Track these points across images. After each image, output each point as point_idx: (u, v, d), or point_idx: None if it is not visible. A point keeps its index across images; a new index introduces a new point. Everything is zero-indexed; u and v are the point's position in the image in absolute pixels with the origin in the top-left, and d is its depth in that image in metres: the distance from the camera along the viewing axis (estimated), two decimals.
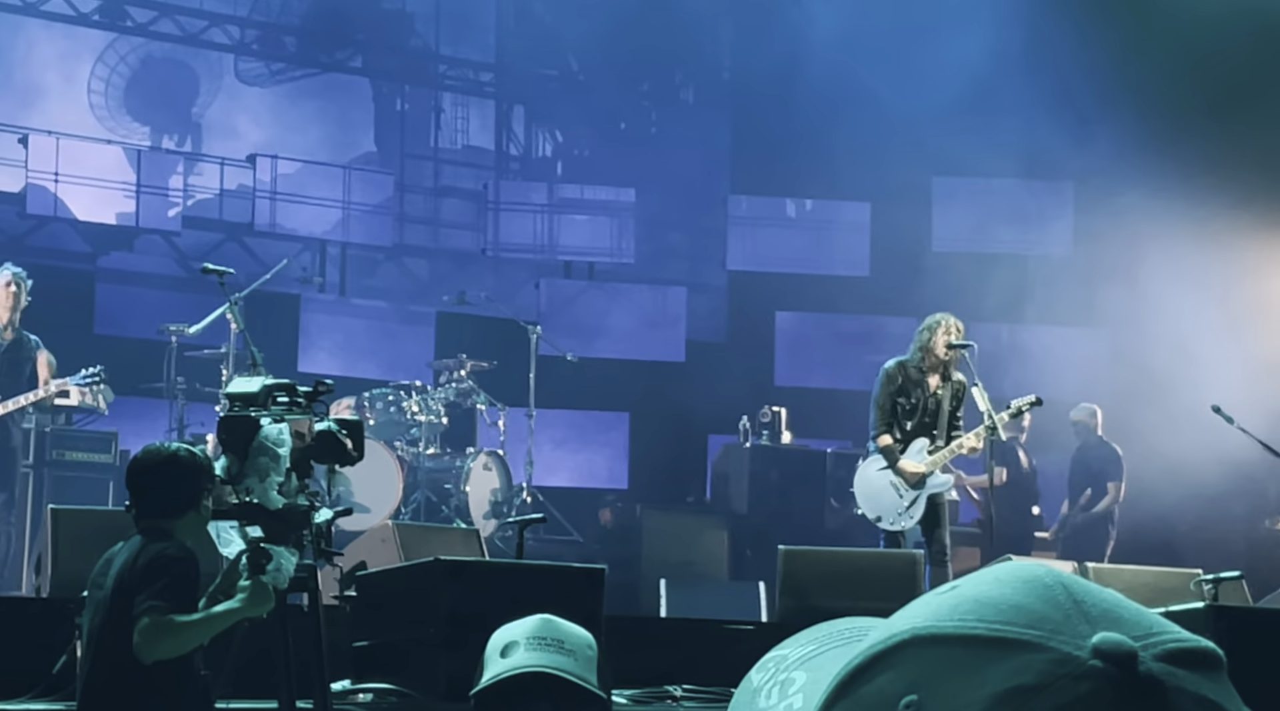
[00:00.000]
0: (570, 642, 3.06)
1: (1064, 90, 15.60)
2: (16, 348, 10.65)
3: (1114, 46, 15.60)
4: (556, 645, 3.03)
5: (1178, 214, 15.39)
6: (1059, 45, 15.43)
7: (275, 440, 5.53)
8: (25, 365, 10.67)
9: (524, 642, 3.03)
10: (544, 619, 3.08)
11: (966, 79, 15.52)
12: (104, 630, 5.32)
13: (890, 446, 10.68)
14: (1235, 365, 14.65)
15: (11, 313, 10.60)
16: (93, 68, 17.41)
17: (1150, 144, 15.47)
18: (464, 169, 19.16)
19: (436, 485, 13.56)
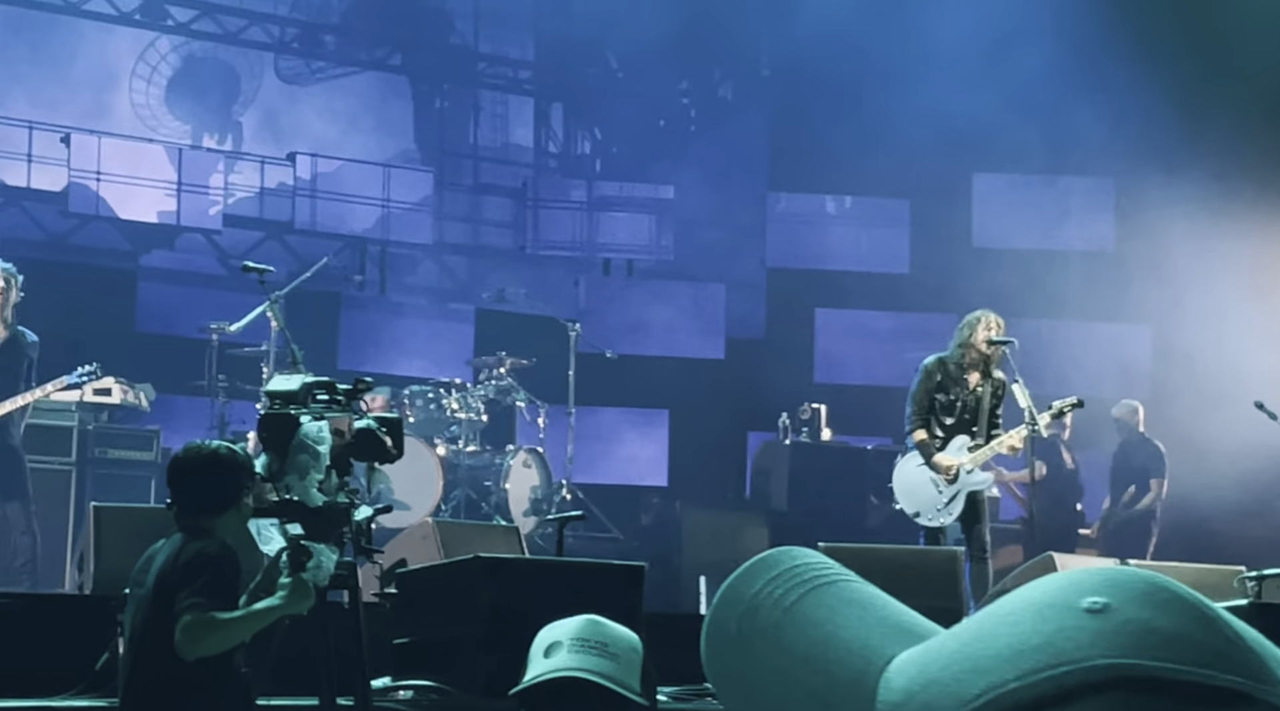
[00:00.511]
0: (614, 646, 3.02)
1: (1105, 86, 15.52)
2: (11, 346, 10.62)
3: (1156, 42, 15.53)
4: (600, 648, 3.00)
5: (1219, 209, 15.31)
6: (1100, 41, 15.36)
7: (315, 438, 5.55)
8: (21, 363, 10.63)
9: (567, 643, 3.00)
10: (590, 620, 3.05)
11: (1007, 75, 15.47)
12: (146, 627, 5.34)
13: (926, 441, 10.64)
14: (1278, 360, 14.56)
15: (2, 310, 10.56)
16: (134, 67, 17.49)
17: (1192, 140, 15.41)
18: (503, 166, 19.18)
19: (476, 482, 13.57)
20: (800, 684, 1.08)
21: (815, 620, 1.10)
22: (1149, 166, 15.86)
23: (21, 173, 15.86)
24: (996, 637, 0.97)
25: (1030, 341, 14.43)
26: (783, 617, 1.10)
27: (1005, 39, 15.59)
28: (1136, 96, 15.56)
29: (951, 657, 1.00)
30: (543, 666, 2.99)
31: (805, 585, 1.13)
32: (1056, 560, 9.73)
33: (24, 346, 10.70)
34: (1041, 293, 16.28)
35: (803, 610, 1.11)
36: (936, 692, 0.97)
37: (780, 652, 1.09)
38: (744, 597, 1.14)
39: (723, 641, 1.12)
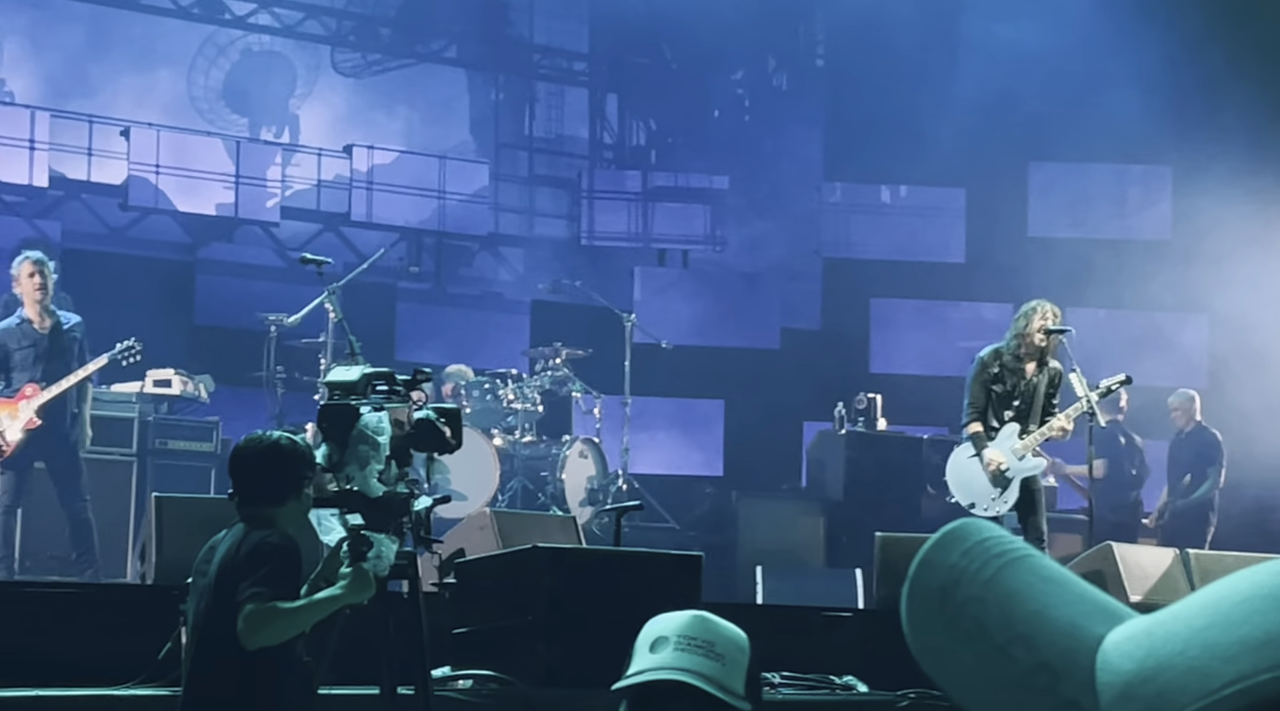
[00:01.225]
0: (721, 645, 3.00)
1: (1162, 73, 15.43)
2: (57, 333, 10.74)
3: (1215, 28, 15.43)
4: (706, 647, 2.98)
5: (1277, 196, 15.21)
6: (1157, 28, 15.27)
7: (375, 428, 5.58)
8: (71, 347, 10.75)
9: (673, 640, 2.98)
10: (698, 616, 3.03)
11: (1063, 63, 15.42)
12: (208, 617, 5.39)
13: (979, 433, 10.62)
14: None
15: (41, 299, 10.67)
16: (193, 60, 17.60)
17: (1250, 127, 15.30)
18: (558, 158, 19.22)
19: (533, 473, 13.61)
20: (1014, 661, 1.08)
21: (1018, 595, 1.11)
22: (1206, 153, 15.77)
23: (82, 166, 16.00)
24: (1238, 625, 0.94)
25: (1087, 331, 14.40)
26: (984, 591, 1.12)
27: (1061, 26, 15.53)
28: (1194, 83, 15.48)
29: (1187, 642, 0.98)
30: (646, 661, 2.98)
31: (999, 558, 1.14)
32: (1115, 550, 9.71)
33: (69, 330, 10.81)
34: (1098, 282, 16.22)
35: (1002, 583, 1.12)
36: (1174, 677, 0.96)
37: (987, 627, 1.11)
38: (942, 568, 1.15)
39: (926, 612, 1.14)
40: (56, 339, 10.73)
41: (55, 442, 10.71)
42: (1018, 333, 10.70)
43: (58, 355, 10.72)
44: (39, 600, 8.10)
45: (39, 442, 10.65)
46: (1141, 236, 17.03)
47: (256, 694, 5.34)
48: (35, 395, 10.59)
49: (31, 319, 10.70)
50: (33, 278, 10.63)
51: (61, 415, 10.74)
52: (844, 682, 8.29)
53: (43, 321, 10.70)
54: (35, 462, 10.72)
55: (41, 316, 10.70)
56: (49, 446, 10.69)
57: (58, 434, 10.71)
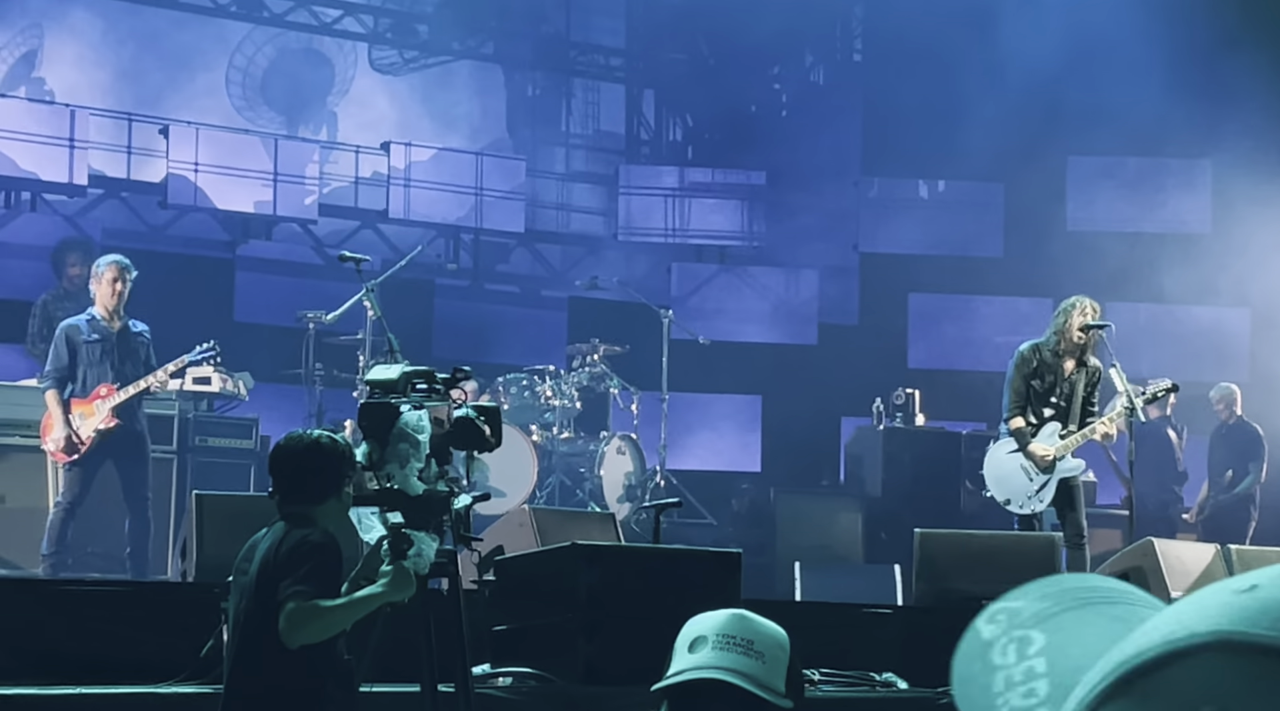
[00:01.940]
0: (760, 643, 2.99)
1: (1201, 65, 15.36)
2: (126, 336, 10.86)
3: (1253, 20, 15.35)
4: (745, 646, 2.96)
5: None
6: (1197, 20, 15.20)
7: (415, 426, 5.60)
8: (140, 351, 10.87)
9: (712, 639, 2.97)
10: (737, 615, 3.01)
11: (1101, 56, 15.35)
12: (249, 615, 5.41)
13: (1022, 429, 10.59)
14: None
15: (116, 306, 10.80)
16: (230, 58, 17.66)
17: None
18: (595, 153, 19.22)
19: (571, 469, 13.63)
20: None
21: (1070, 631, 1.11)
22: (1246, 146, 15.69)
23: (121, 165, 16.06)
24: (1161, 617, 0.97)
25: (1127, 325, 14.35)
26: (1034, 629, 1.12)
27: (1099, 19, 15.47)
28: (1232, 75, 15.40)
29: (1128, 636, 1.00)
30: (685, 661, 2.97)
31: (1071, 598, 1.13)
32: (1156, 546, 9.68)
33: (137, 337, 10.93)
34: (1138, 276, 16.17)
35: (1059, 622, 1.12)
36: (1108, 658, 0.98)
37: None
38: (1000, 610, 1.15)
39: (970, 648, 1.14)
40: (125, 341, 10.85)
41: (128, 442, 10.82)
42: (1057, 329, 10.67)
43: (128, 355, 10.83)
44: (82, 598, 8.14)
45: (111, 442, 10.75)
46: (1181, 230, 16.95)
47: (298, 691, 5.36)
48: (110, 395, 10.71)
49: (102, 317, 10.80)
50: (115, 283, 10.76)
51: (134, 415, 10.86)
52: (884, 679, 8.28)
53: (113, 322, 10.82)
54: (105, 462, 10.82)
55: (112, 317, 10.81)
56: (120, 445, 10.80)
57: (131, 433, 10.83)
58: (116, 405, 10.71)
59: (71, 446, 10.65)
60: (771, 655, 2.97)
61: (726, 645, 2.94)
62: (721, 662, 2.92)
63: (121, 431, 10.76)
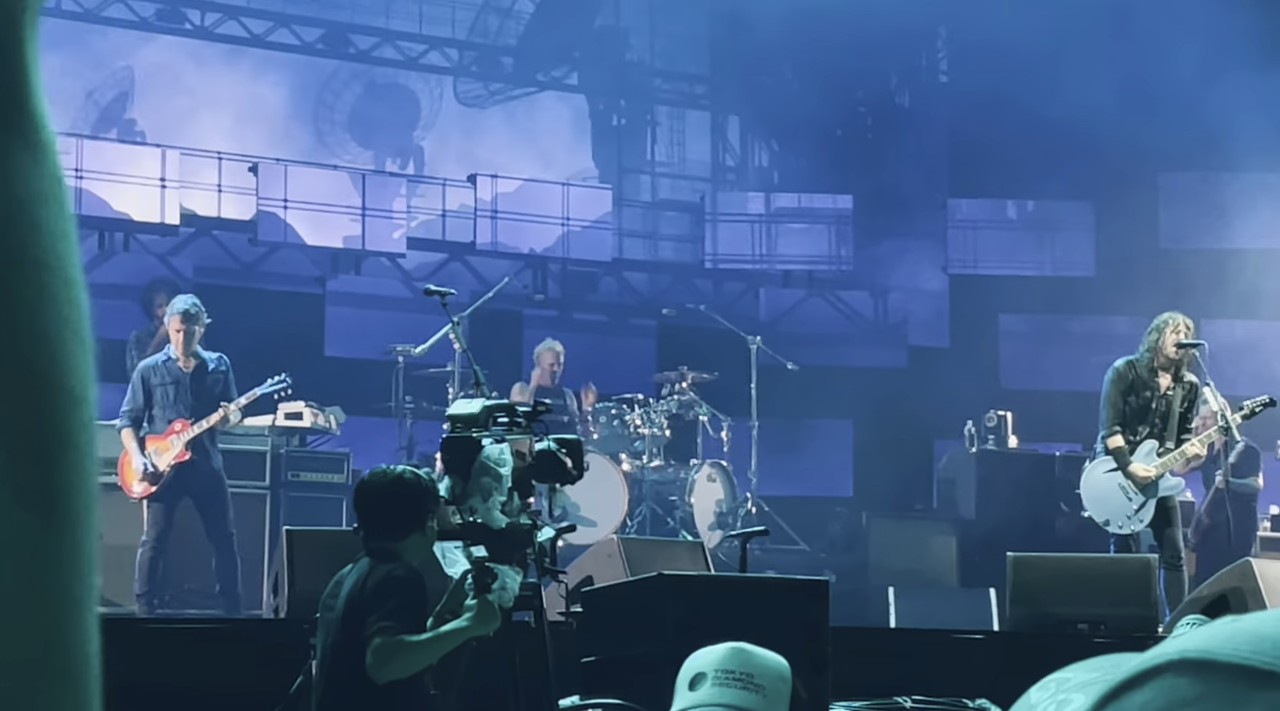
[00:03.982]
0: (760, 676, 2.98)
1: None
2: (201, 373, 10.92)
3: None
4: (745, 679, 2.96)
5: None
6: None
7: (497, 460, 5.61)
8: (214, 387, 10.93)
9: (712, 675, 2.96)
10: (735, 648, 3.01)
11: (1187, 72, 15.19)
12: (336, 651, 5.44)
13: (1121, 448, 10.48)
14: None
15: (187, 346, 10.87)
16: (319, 95, 17.82)
17: None
18: (681, 181, 19.23)
19: (661, 497, 13.61)
20: None
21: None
22: None
23: (212, 203, 16.23)
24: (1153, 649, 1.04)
25: (1222, 342, 14.18)
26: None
27: (1189, 35, 15.30)
28: None
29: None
30: (686, 700, 2.97)
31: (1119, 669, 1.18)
32: (1255, 567, 9.52)
33: (213, 371, 10.99)
34: (1232, 292, 15.98)
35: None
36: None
37: None
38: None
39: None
40: (200, 377, 10.93)
41: (204, 479, 10.89)
42: (1150, 346, 10.56)
43: (203, 392, 10.91)
44: (175, 635, 8.21)
45: (188, 476, 10.83)
46: (1276, 244, 16.73)
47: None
48: (185, 429, 10.80)
49: (177, 357, 10.91)
50: (179, 331, 10.86)
51: (208, 452, 10.93)
52: (977, 706, 8.19)
53: (188, 361, 10.92)
54: (184, 497, 10.90)
55: (186, 357, 10.91)
56: (198, 480, 10.87)
57: (207, 467, 10.90)
58: (190, 439, 10.78)
59: (148, 474, 10.71)
60: (773, 687, 2.96)
61: (726, 680, 2.93)
62: (721, 700, 2.91)
63: (197, 468, 10.81)
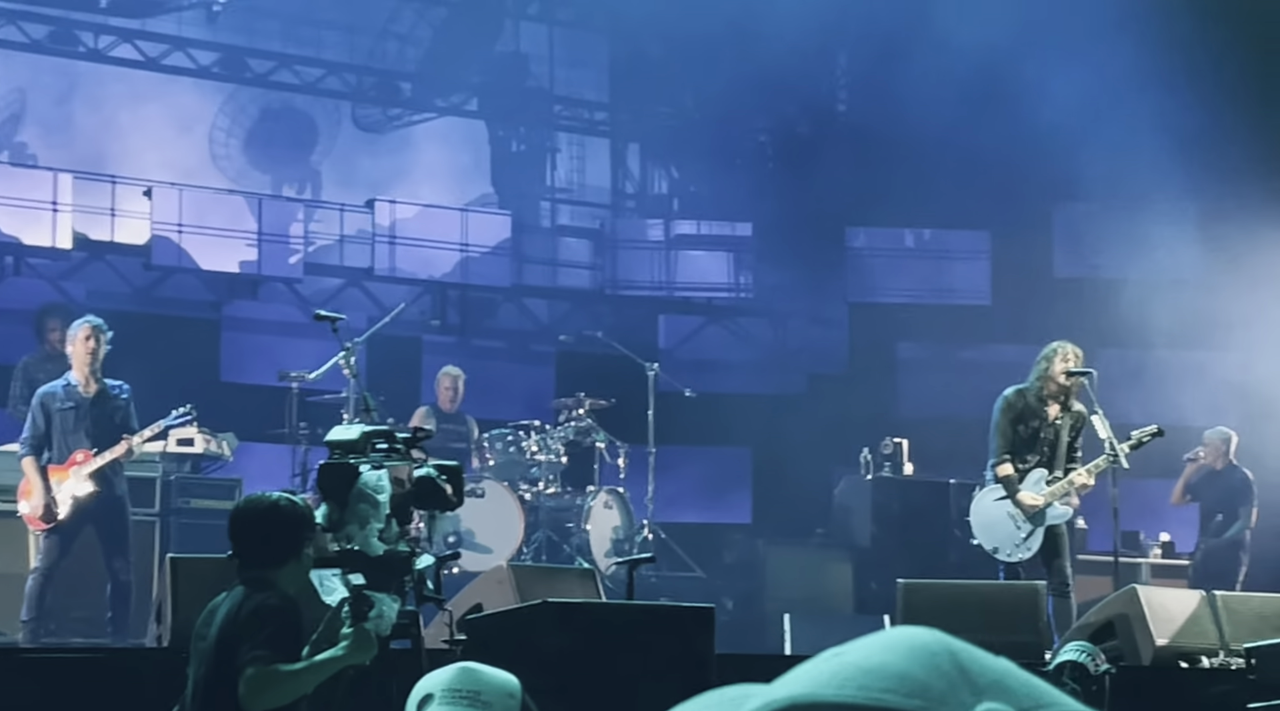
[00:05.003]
0: (488, 693, 3.03)
1: (1186, 111, 15.36)
2: (103, 399, 10.80)
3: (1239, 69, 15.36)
4: (472, 697, 3.01)
5: None
6: (1180, 66, 15.21)
7: (375, 486, 5.57)
8: (115, 415, 10.81)
9: (438, 696, 3.02)
10: (463, 668, 3.06)
11: (1087, 103, 15.36)
12: (209, 681, 5.36)
13: (1010, 477, 10.54)
14: None
15: (91, 365, 10.73)
16: (214, 119, 17.69)
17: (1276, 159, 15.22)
18: (581, 208, 19.24)
19: (558, 524, 13.57)
20: None
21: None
22: (1234, 192, 15.68)
23: (106, 227, 16.05)
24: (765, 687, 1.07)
25: (1115, 371, 14.30)
26: None
27: (1084, 67, 15.47)
28: (1218, 120, 15.40)
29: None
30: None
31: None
32: (1140, 593, 9.61)
33: (114, 399, 10.86)
34: (1126, 321, 16.12)
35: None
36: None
37: None
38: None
39: None
40: (102, 404, 10.79)
41: (107, 506, 10.76)
42: (1040, 374, 10.65)
43: (103, 420, 10.77)
44: (56, 664, 8.09)
45: (91, 505, 10.69)
46: (1170, 276, 16.90)
47: None
48: (87, 461, 10.65)
49: (78, 383, 10.76)
50: (87, 342, 10.73)
51: (111, 480, 10.79)
52: None
53: (88, 386, 10.77)
54: (84, 527, 10.75)
55: (88, 381, 10.76)
56: (99, 510, 10.73)
57: (110, 496, 10.77)
58: (93, 471, 10.66)
59: (49, 514, 10.59)
60: (500, 703, 3.02)
61: (453, 699, 2.99)
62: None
63: (100, 496, 10.70)
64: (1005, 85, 15.38)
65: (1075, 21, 15.63)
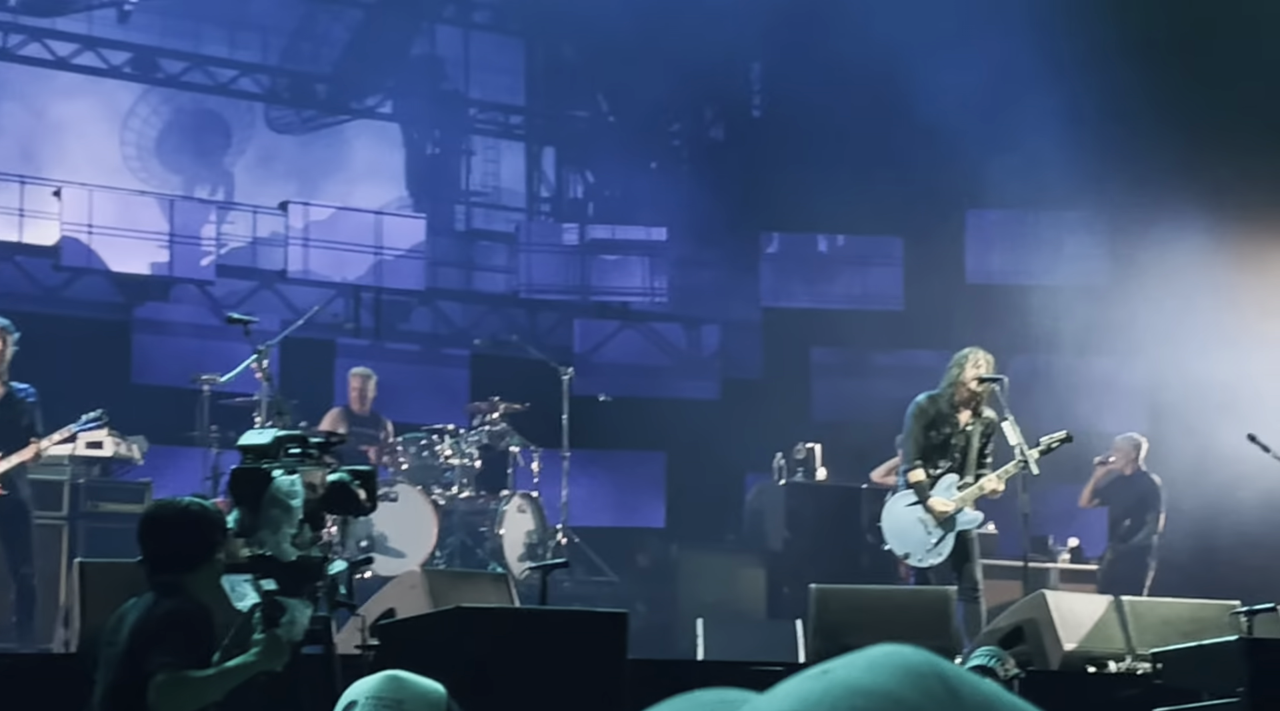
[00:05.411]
0: (410, 702, 3.08)
1: (1098, 119, 15.53)
2: (9, 402, 10.66)
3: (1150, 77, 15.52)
4: (395, 705, 3.06)
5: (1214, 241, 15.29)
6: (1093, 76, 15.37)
7: (288, 491, 5.53)
8: (21, 418, 10.68)
9: (362, 702, 3.06)
10: (389, 676, 3.12)
11: (999, 112, 15.48)
12: (118, 688, 5.31)
13: (922, 483, 10.60)
14: (1274, 393, 14.53)
15: (1, 365, 10.61)
16: (125, 119, 17.53)
17: (1186, 171, 15.38)
18: (496, 211, 19.21)
19: (472, 528, 13.54)
20: None
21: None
22: (1143, 199, 15.84)
23: (14, 227, 15.88)
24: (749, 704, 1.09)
25: (1026, 377, 14.44)
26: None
27: (998, 77, 15.60)
28: (1130, 129, 15.57)
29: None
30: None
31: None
32: (1048, 599, 9.69)
33: (21, 402, 10.73)
34: (1037, 328, 16.26)
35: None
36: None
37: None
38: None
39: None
40: (9, 408, 10.65)
41: (9, 510, 10.62)
42: (951, 381, 10.71)
43: (10, 423, 10.63)
44: None
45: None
46: (1079, 282, 17.07)
47: None
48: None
49: None
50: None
51: (18, 481, 10.65)
52: None
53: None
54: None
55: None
56: (3, 512, 10.59)
57: (13, 502, 10.63)
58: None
59: None
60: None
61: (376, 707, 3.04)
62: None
63: (3, 500, 10.57)
64: (919, 91, 15.48)
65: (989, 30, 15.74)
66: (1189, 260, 15.32)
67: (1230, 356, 15.05)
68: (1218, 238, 15.25)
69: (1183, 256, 15.38)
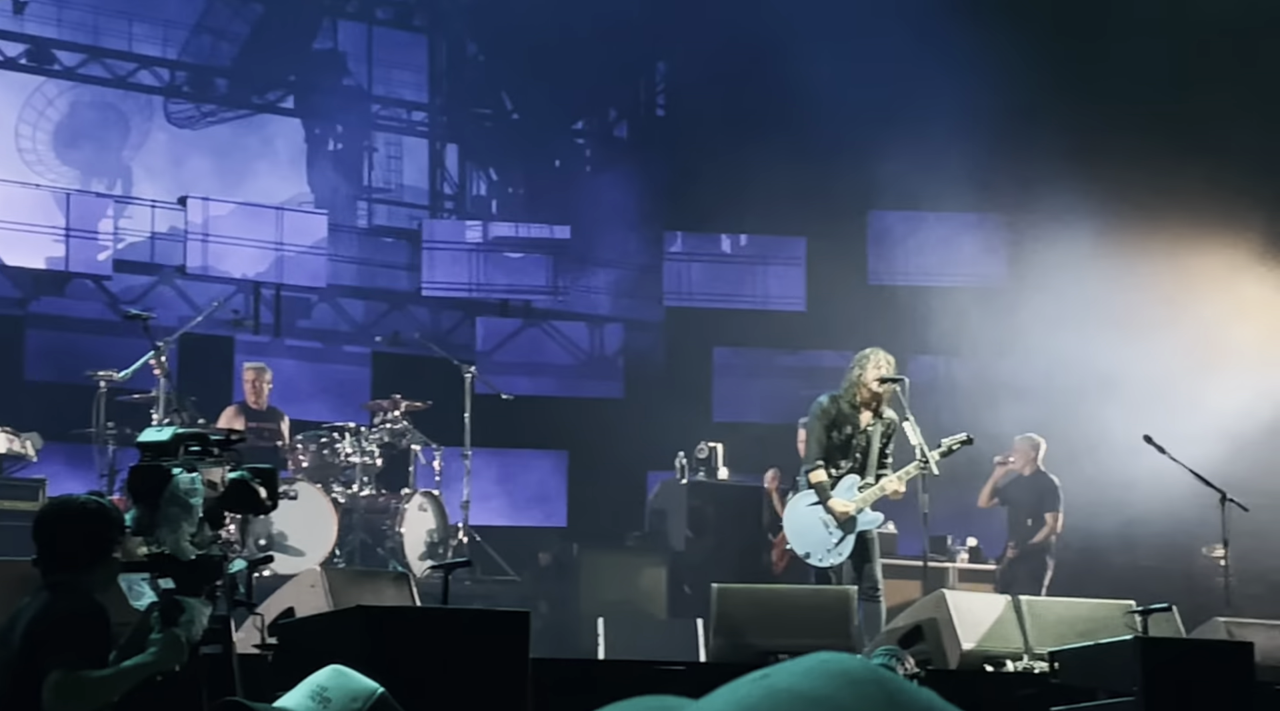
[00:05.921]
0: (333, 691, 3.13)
1: (998, 123, 15.65)
2: None
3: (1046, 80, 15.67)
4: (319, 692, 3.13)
5: (1110, 244, 15.45)
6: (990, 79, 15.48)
7: (187, 490, 5.46)
8: None
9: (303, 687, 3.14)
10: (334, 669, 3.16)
11: (899, 113, 15.57)
12: (12, 689, 5.22)
13: (823, 483, 10.63)
14: (1167, 394, 14.70)
15: None
16: (19, 112, 17.29)
17: (1085, 175, 15.53)
18: (398, 208, 19.12)
19: (372, 527, 13.46)
20: None
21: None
22: (1040, 202, 15.99)
23: None
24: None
25: (927, 378, 14.53)
26: None
27: (897, 77, 15.70)
28: (1026, 131, 15.71)
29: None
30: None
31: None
32: (948, 598, 9.75)
33: None
34: (938, 329, 16.37)
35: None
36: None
37: None
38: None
39: None
40: None
41: None
42: (852, 381, 10.75)
43: None
44: None
45: None
46: (979, 284, 17.21)
47: None
48: None
49: None
50: None
51: None
52: None
53: None
54: None
55: None
56: None
57: None
58: None
59: None
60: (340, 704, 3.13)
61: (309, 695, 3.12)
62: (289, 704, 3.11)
63: None
64: (820, 93, 15.54)
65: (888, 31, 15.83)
66: (1086, 262, 15.47)
67: (1126, 356, 15.20)
68: (1114, 240, 15.42)
69: (1075, 257, 15.52)
